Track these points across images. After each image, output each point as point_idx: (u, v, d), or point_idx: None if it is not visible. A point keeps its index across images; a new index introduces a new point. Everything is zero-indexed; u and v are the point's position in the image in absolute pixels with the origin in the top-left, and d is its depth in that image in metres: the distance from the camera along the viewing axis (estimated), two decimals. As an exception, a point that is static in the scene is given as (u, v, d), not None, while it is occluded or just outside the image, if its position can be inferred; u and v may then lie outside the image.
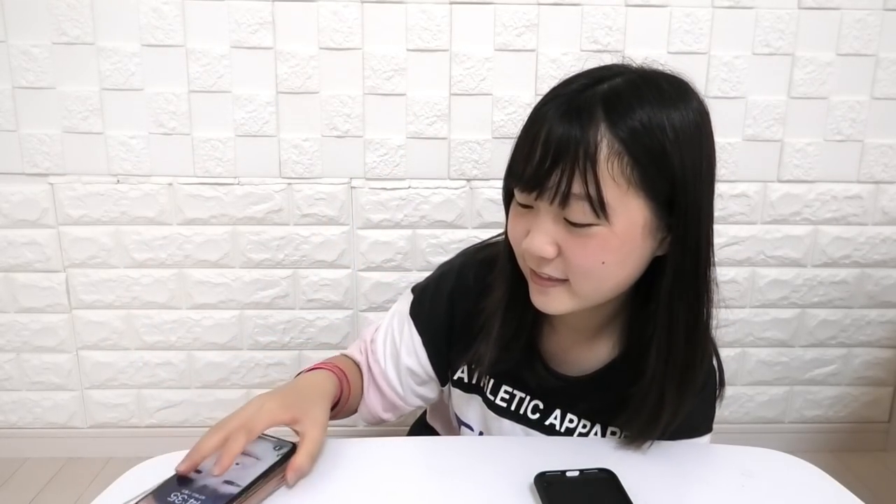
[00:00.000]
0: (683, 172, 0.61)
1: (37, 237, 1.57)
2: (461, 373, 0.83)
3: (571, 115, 0.60)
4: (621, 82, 0.63)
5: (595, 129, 0.59)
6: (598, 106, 0.60)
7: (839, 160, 1.58)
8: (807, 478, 0.69)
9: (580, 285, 0.64)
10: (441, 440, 0.83)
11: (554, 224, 0.62)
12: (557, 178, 0.59)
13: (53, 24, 1.45)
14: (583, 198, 0.59)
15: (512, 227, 0.67)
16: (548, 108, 0.62)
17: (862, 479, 1.64)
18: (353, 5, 1.46)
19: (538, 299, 0.67)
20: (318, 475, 0.67)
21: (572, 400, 0.77)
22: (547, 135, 0.60)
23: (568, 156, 0.59)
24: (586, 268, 0.62)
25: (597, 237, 0.61)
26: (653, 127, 0.60)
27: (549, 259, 0.63)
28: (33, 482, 1.60)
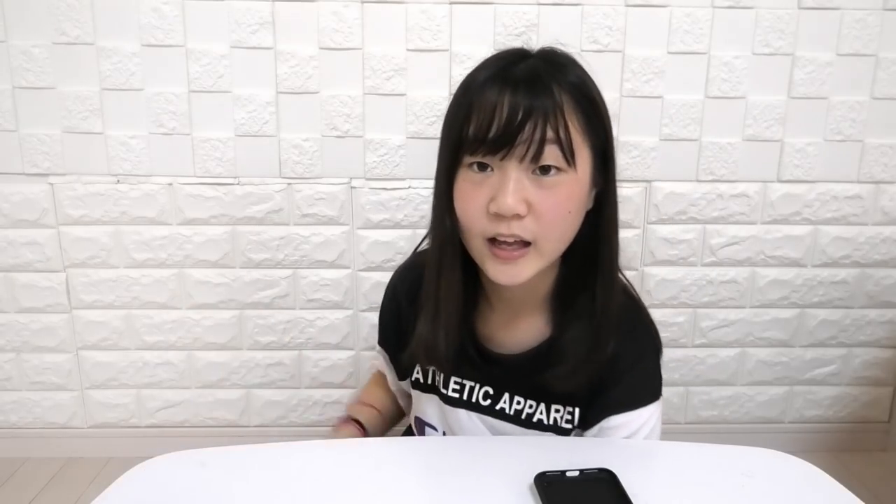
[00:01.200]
0: (609, 125, 0.71)
1: (37, 237, 1.57)
2: (417, 374, 0.86)
3: (523, 82, 0.65)
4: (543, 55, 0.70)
5: (554, 85, 0.65)
6: (544, 71, 0.67)
7: (839, 160, 1.58)
8: (807, 478, 0.69)
9: (546, 242, 0.68)
10: (441, 440, 0.83)
11: (523, 181, 0.65)
12: (531, 131, 0.63)
13: (53, 24, 1.45)
14: (555, 141, 0.64)
15: (467, 201, 0.67)
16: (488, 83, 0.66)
17: (862, 479, 1.64)
18: (353, 5, 1.46)
19: (504, 271, 0.68)
20: (318, 475, 0.67)
21: (518, 382, 0.79)
22: (510, 101, 0.64)
23: (538, 111, 0.64)
24: (556, 219, 0.67)
25: (565, 186, 0.66)
26: (587, 83, 0.69)
27: (521, 217, 0.65)
28: (33, 482, 1.60)
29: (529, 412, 0.79)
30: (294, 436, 1.71)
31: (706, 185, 1.58)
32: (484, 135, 0.64)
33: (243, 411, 1.71)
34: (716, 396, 1.73)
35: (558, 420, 0.78)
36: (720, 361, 1.70)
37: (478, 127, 0.65)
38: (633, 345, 0.76)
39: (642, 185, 1.58)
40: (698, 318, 1.67)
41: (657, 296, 1.65)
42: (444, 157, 0.70)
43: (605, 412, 0.75)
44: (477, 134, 0.65)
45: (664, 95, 1.52)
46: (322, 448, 0.75)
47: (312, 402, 1.70)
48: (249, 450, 0.73)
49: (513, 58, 0.69)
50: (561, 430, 0.78)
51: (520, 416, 0.79)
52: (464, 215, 0.69)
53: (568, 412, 0.77)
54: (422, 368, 0.85)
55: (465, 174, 0.68)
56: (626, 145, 1.55)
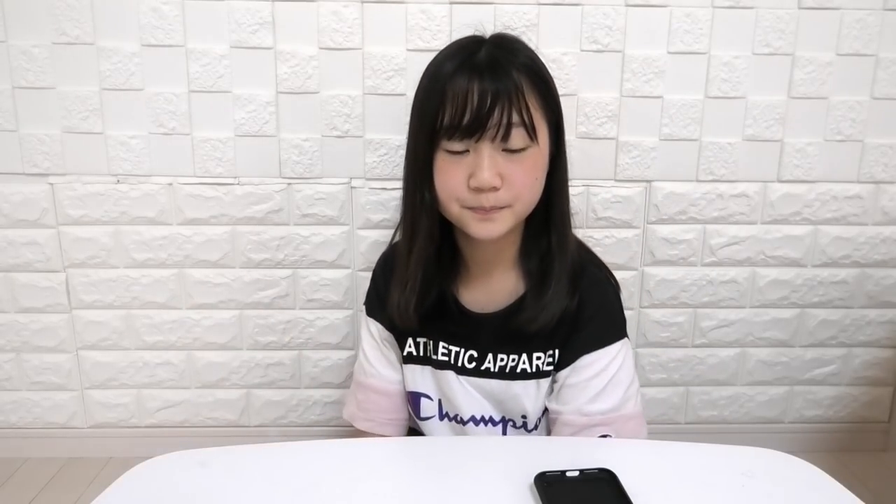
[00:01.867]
0: (558, 99, 0.81)
1: (37, 237, 1.57)
2: (409, 347, 0.92)
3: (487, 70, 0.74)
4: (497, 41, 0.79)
5: (514, 71, 0.75)
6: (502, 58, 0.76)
7: (839, 160, 1.58)
8: (807, 478, 0.69)
9: (519, 205, 0.78)
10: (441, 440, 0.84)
11: (496, 157, 0.75)
12: (499, 115, 0.73)
13: (53, 24, 1.45)
14: (520, 124, 0.75)
15: (446, 179, 0.77)
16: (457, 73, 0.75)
17: (862, 479, 1.64)
18: (353, 5, 1.46)
19: (484, 227, 0.78)
20: (318, 475, 0.67)
21: (500, 339, 0.87)
22: (479, 88, 0.73)
23: (504, 96, 0.73)
24: (527, 185, 0.78)
25: (530, 157, 0.77)
26: (537, 62, 0.79)
27: (498, 188, 0.75)
28: (33, 482, 1.60)
29: (513, 365, 0.87)
30: (294, 436, 1.71)
31: (706, 185, 1.58)
32: (459, 121, 0.74)
33: (243, 411, 1.71)
34: (716, 396, 1.73)
35: (540, 366, 0.87)
36: (720, 361, 1.70)
37: (452, 115, 0.74)
38: (595, 292, 0.87)
39: (642, 185, 1.58)
40: (698, 318, 1.67)
41: (657, 296, 1.65)
42: (421, 142, 0.78)
43: (578, 352, 0.85)
44: (452, 121, 0.74)
45: (664, 95, 1.52)
46: (322, 448, 0.75)
47: (312, 402, 1.70)
48: (249, 450, 0.73)
49: (472, 46, 0.78)
50: (543, 374, 0.87)
51: (504, 371, 0.88)
52: (445, 189, 0.78)
53: (549, 356, 0.87)
54: (413, 341, 0.91)
55: (443, 155, 0.77)
56: (626, 145, 1.55)
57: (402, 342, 0.92)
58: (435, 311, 0.87)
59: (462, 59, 0.76)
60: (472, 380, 0.88)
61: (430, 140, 0.77)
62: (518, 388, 0.86)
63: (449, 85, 0.75)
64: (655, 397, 1.72)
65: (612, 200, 1.58)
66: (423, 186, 0.80)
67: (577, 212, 0.90)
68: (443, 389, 0.90)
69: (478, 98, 0.73)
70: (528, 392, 0.87)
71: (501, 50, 0.77)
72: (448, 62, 0.77)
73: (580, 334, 0.85)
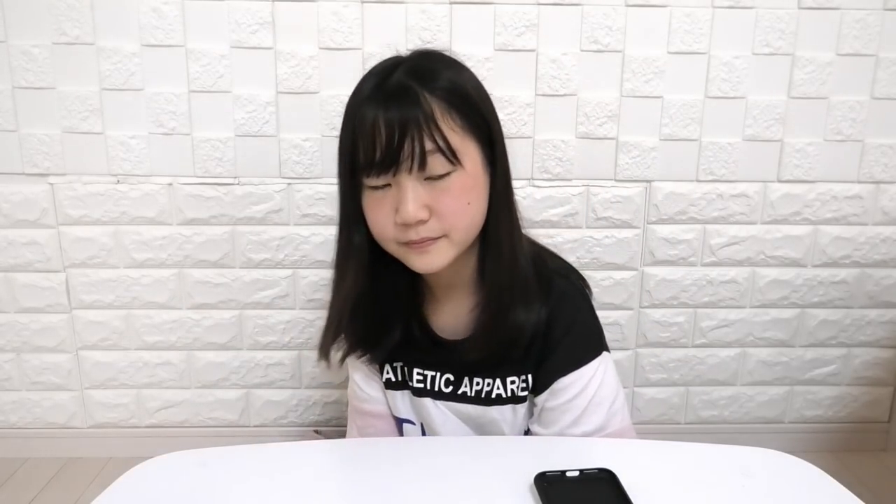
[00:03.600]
0: (491, 114, 0.75)
1: (37, 237, 1.57)
2: (387, 373, 0.89)
3: (393, 98, 0.69)
4: (412, 64, 0.73)
5: (422, 98, 0.69)
6: (411, 83, 0.70)
7: (839, 160, 1.58)
8: (807, 478, 0.69)
9: (456, 232, 0.73)
10: (441, 440, 0.83)
11: (418, 189, 0.70)
12: (410, 146, 0.68)
13: (53, 24, 1.45)
14: (436, 151, 0.69)
15: (375, 217, 0.74)
16: (364, 105, 0.71)
17: (862, 479, 1.64)
18: (353, 5, 1.46)
19: (422, 260, 0.74)
20: (318, 475, 0.67)
21: (473, 365, 0.83)
22: (385, 119, 0.68)
23: (412, 124, 0.68)
24: (458, 212, 0.72)
25: (456, 182, 0.71)
26: (458, 83, 0.73)
27: (425, 220, 0.71)
28: (33, 482, 1.60)
29: (488, 390, 0.84)
30: (294, 436, 1.71)
31: (706, 185, 1.58)
32: (371, 157, 0.70)
33: (243, 411, 1.71)
34: (716, 396, 1.73)
35: (515, 391, 0.83)
36: (720, 361, 1.70)
37: (365, 151, 0.70)
38: (564, 307, 0.81)
39: (642, 185, 1.58)
40: (698, 318, 1.67)
41: (657, 296, 1.65)
42: (346, 181, 0.76)
43: (553, 376, 0.80)
44: (366, 158, 0.70)
45: (664, 95, 1.52)
46: (322, 448, 0.75)
47: (312, 402, 1.70)
48: (249, 450, 0.73)
49: (384, 72, 0.73)
50: (518, 399, 0.83)
51: (480, 396, 0.84)
52: (375, 228, 0.74)
53: (522, 380, 0.82)
54: (390, 367, 0.88)
55: (369, 193, 0.73)
56: (626, 145, 1.55)
57: (380, 369, 0.90)
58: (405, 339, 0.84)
59: (371, 88, 0.72)
60: (449, 404, 0.86)
61: (352, 177, 0.74)
62: (494, 412, 0.84)
63: (359, 119, 0.71)
64: (655, 397, 1.72)
65: (612, 200, 1.58)
66: (354, 227, 0.77)
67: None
68: (422, 415, 0.88)
69: (385, 130, 0.68)
70: (504, 417, 0.84)
71: (413, 74, 0.71)
72: (360, 93, 0.73)
73: (553, 355, 0.80)
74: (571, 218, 1.58)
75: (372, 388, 0.92)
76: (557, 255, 0.90)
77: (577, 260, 1.60)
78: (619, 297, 1.64)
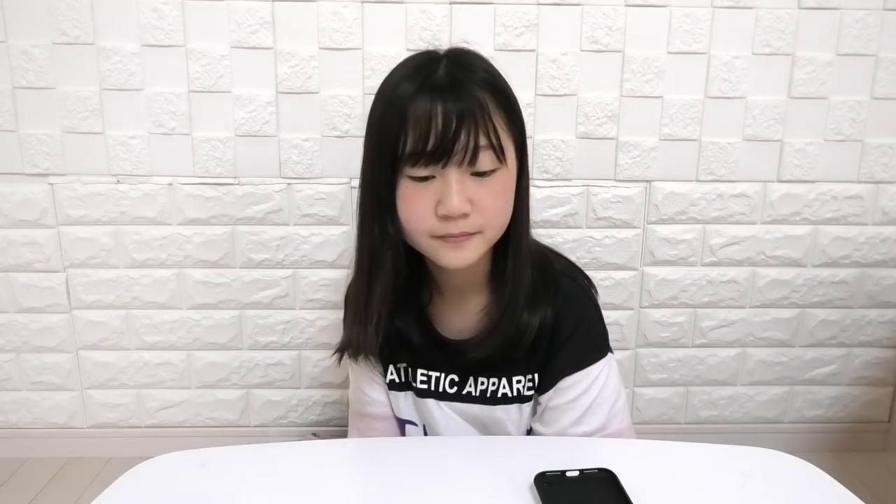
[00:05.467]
0: (522, 117, 0.77)
1: (37, 237, 1.57)
2: (391, 374, 0.89)
3: (450, 90, 0.70)
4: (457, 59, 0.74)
5: (478, 92, 0.70)
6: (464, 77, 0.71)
7: (839, 160, 1.58)
8: (807, 478, 0.69)
9: (491, 229, 0.74)
10: (441, 440, 0.83)
11: (464, 182, 0.71)
12: (465, 138, 0.69)
13: (53, 24, 1.45)
14: (488, 147, 0.70)
15: (412, 208, 0.72)
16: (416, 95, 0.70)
17: (862, 479, 1.64)
18: (353, 5, 1.46)
19: (455, 254, 0.74)
20: (318, 475, 0.67)
21: (478, 365, 0.83)
22: (443, 110, 0.68)
23: (469, 117, 0.69)
24: (498, 210, 0.74)
25: (500, 180, 0.73)
26: (502, 83, 0.75)
27: (468, 214, 0.71)
28: (33, 482, 1.60)
29: (493, 389, 0.85)
30: (294, 436, 1.71)
31: (706, 185, 1.58)
32: (423, 147, 0.69)
33: (243, 411, 1.71)
34: (716, 396, 1.73)
35: (521, 390, 0.84)
36: (720, 361, 1.70)
37: (416, 140, 0.69)
38: (571, 308, 0.83)
39: (642, 185, 1.58)
40: (698, 318, 1.67)
41: (657, 296, 1.65)
42: (381, 171, 0.73)
43: (558, 375, 0.81)
44: (415, 147, 0.69)
45: (664, 95, 1.52)
46: (322, 448, 0.75)
47: (312, 402, 1.70)
48: (249, 450, 0.73)
49: (428, 64, 0.73)
50: (524, 398, 0.84)
51: (486, 396, 0.85)
52: (411, 220, 0.73)
53: (528, 380, 0.84)
54: (394, 368, 0.88)
55: (406, 183, 0.72)
56: (626, 145, 1.55)
57: (384, 370, 0.90)
58: (409, 339, 0.84)
59: (421, 79, 0.71)
60: (453, 405, 0.86)
61: (391, 168, 0.72)
62: (500, 412, 0.85)
63: (410, 107, 0.69)
64: (655, 397, 1.72)
65: (612, 200, 1.58)
66: (385, 218, 0.75)
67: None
68: (424, 416, 0.88)
69: (442, 121, 0.68)
70: (510, 416, 0.85)
71: (460, 67, 0.72)
72: (405, 83, 0.71)
73: (559, 355, 0.82)
74: (571, 218, 1.59)
75: (374, 390, 0.91)
76: (563, 256, 0.91)
77: (577, 260, 1.58)
78: (619, 297, 1.64)
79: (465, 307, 0.84)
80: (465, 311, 0.84)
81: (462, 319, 0.84)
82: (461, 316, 0.84)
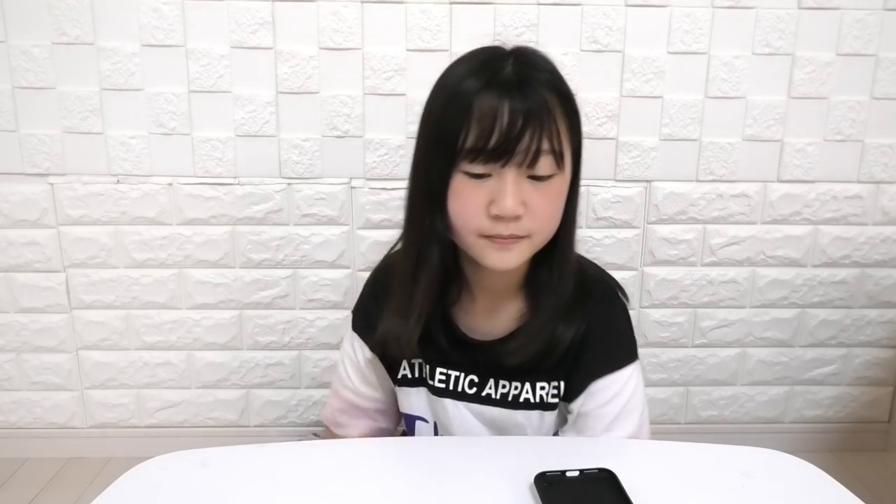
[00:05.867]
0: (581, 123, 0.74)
1: (37, 237, 1.57)
2: (403, 370, 0.87)
3: (518, 89, 0.68)
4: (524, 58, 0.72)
5: (547, 94, 0.68)
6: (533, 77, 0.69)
7: (839, 160, 1.58)
8: (807, 478, 0.69)
9: (540, 235, 0.73)
10: (441, 440, 0.83)
11: (520, 184, 0.69)
12: (528, 141, 0.67)
13: (53, 24, 1.45)
14: (549, 152, 0.68)
15: (465, 204, 0.71)
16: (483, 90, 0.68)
17: (862, 479, 1.64)
18: (353, 5, 1.46)
19: (501, 257, 0.72)
20: (318, 475, 0.67)
21: (500, 367, 0.81)
22: (510, 109, 0.66)
23: (535, 119, 0.67)
24: (549, 216, 0.72)
25: (555, 185, 0.71)
26: (567, 86, 0.73)
27: (520, 217, 0.69)
28: (33, 482, 1.60)
29: (515, 393, 0.83)
30: (294, 436, 1.71)
31: (706, 185, 1.58)
32: (485, 143, 0.67)
33: (243, 411, 1.71)
34: (716, 396, 1.73)
35: (544, 396, 0.82)
36: (720, 361, 1.70)
37: (478, 136, 0.67)
38: (602, 311, 0.82)
39: (642, 185, 1.58)
40: (698, 318, 1.67)
41: (657, 296, 1.65)
42: (437, 163, 0.71)
43: (588, 378, 0.80)
44: (477, 143, 0.67)
45: (664, 95, 1.52)
46: (322, 448, 0.75)
47: (312, 402, 1.70)
48: (249, 450, 0.73)
49: (495, 59, 0.71)
50: (548, 406, 0.82)
51: (506, 399, 0.83)
52: (461, 216, 0.71)
53: (553, 387, 0.82)
54: (408, 364, 0.87)
55: (461, 178, 0.70)
56: (626, 145, 1.55)
57: (395, 367, 0.87)
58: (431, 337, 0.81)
59: (488, 75, 0.69)
60: (471, 406, 0.84)
61: (447, 161, 0.70)
62: (520, 417, 0.83)
63: (475, 102, 0.68)
64: (655, 397, 1.72)
65: (612, 200, 1.58)
66: (435, 211, 0.73)
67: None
68: (438, 414, 0.86)
69: (507, 119, 0.66)
70: (531, 422, 0.83)
71: (528, 66, 0.70)
72: (471, 78, 0.69)
73: (588, 357, 0.80)
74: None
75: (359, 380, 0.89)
76: (593, 262, 0.89)
77: (577, 260, 1.60)
78: (619, 297, 1.64)
79: (496, 310, 0.82)
80: (495, 313, 0.82)
81: (490, 322, 0.82)
82: (490, 318, 0.82)
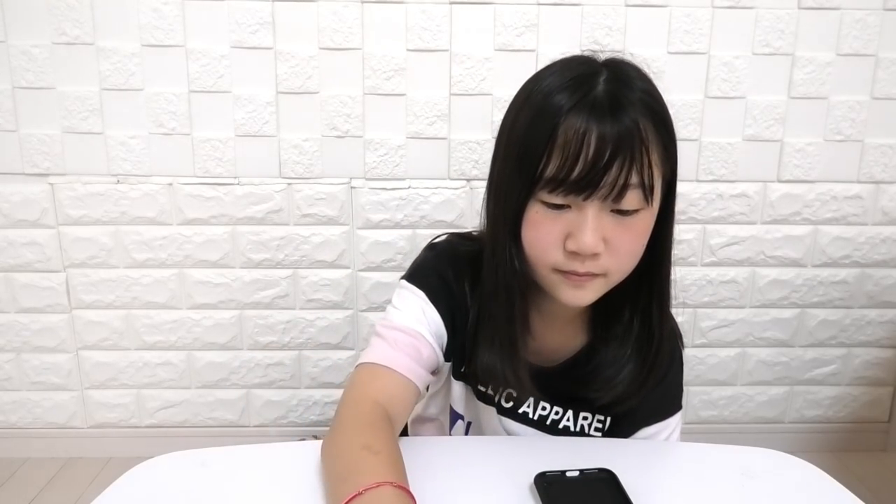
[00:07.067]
0: (677, 149, 0.66)
1: (37, 237, 1.57)
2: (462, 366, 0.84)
3: (608, 107, 0.61)
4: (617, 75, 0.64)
5: (640, 122, 0.61)
6: (625, 99, 0.62)
7: (839, 160, 1.58)
8: (807, 478, 0.69)
9: (618, 273, 0.66)
10: (441, 440, 0.83)
11: (602, 219, 0.63)
12: (616, 173, 0.60)
13: (53, 24, 1.45)
14: (638, 186, 0.61)
15: (540, 236, 0.65)
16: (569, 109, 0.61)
17: (862, 479, 1.64)
18: (353, 5, 1.46)
19: (574, 294, 0.67)
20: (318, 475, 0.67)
21: (545, 388, 0.77)
22: (597, 135, 0.60)
23: (625, 149, 0.60)
24: (631, 254, 0.66)
25: (641, 221, 0.64)
26: (664, 109, 0.65)
27: (599, 255, 0.63)
28: (33, 482, 1.60)
29: (555, 418, 0.79)
30: (294, 436, 1.71)
31: (706, 185, 1.58)
32: (567, 174, 0.61)
33: (243, 411, 1.71)
34: (716, 396, 1.73)
35: (586, 427, 0.79)
36: (720, 361, 1.70)
37: (560, 165, 0.61)
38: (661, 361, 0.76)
39: (642, 185, 1.58)
40: (698, 318, 1.67)
41: (657, 296, 1.64)
42: (516, 187, 0.65)
43: (639, 424, 0.77)
44: (559, 172, 0.61)
45: (664, 95, 1.52)
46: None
47: (312, 402, 1.70)
48: (249, 450, 0.73)
49: (588, 75, 0.63)
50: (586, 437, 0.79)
51: (543, 422, 0.79)
52: (536, 247, 0.66)
53: (598, 420, 0.78)
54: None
55: (538, 207, 0.64)
56: (626, 145, 1.55)
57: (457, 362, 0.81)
58: None
59: (580, 95, 0.62)
60: (504, 420, 0.81)
61: (526, 186, 0.64)
62: None
63: (562, 124, 0.61)
64: (655, 397, 1.72)
65: (612, 200, 1.58)
66: (513, 240, 0.67)
67: None
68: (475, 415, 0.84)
69: (595, 147, 0.60)
70: None
71: (621, 84, 0.63)
72: (561, 94, 0.62)
73: (643, 406, 0.75)
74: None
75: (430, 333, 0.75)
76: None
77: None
78: (619, 297, 1.64)
79: (556, 335, 0.78)
80: (551, 342, 0.78)
81: (545, 346, 0.78)
82: (546, 342, 0.78)
